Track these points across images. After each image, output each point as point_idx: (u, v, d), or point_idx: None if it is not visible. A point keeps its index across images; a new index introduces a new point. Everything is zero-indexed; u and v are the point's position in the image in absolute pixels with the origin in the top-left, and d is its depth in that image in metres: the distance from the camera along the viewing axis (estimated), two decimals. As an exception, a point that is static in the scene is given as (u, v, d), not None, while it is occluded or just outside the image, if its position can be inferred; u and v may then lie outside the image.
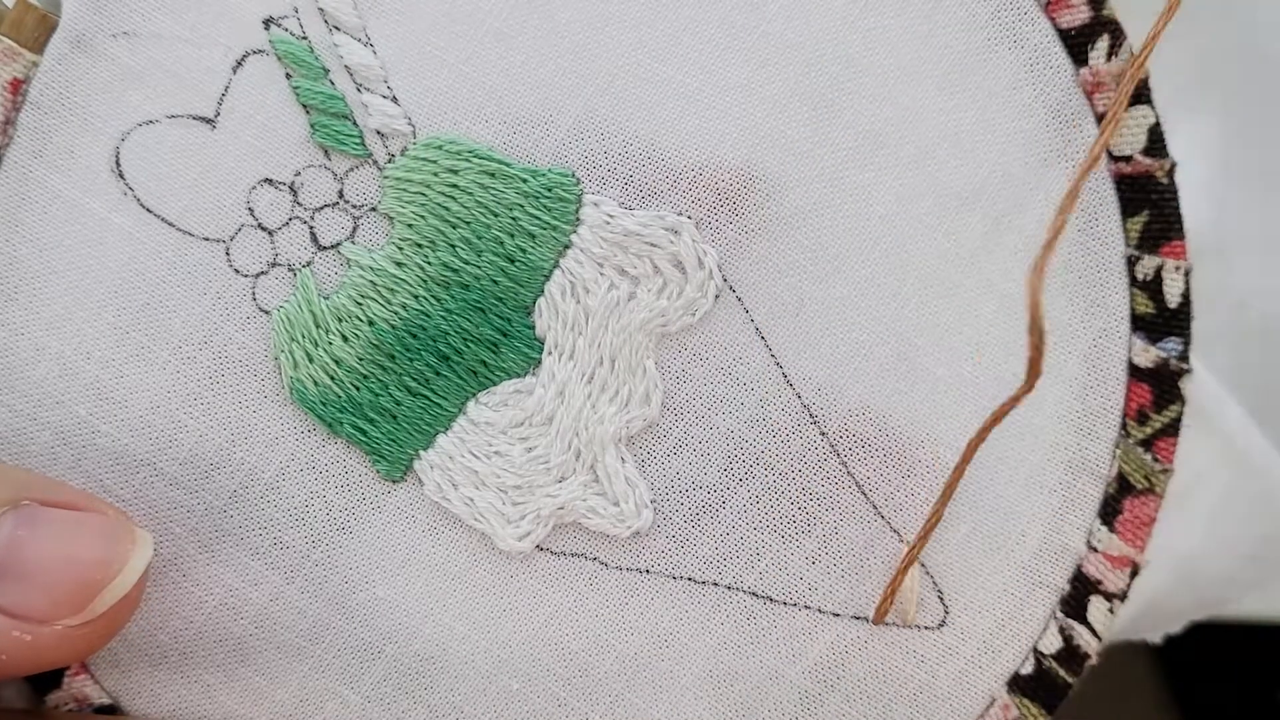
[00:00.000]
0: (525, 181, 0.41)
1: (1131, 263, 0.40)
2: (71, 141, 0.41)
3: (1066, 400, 0.41)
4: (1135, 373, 0.41)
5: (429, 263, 0.41)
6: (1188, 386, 0.40)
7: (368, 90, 0.41)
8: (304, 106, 0.41)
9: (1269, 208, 0.50)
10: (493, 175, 0.41)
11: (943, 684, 0.42)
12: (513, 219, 0.41)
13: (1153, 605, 0.50)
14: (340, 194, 0.42)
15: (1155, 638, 0.53)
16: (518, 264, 0.41)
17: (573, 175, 0.41)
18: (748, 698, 0.43)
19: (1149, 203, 0.40)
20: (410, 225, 0.41)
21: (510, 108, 0.41)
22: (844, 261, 0.41)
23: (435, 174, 0.41)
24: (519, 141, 0.41)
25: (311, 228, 0.42)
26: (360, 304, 0.42)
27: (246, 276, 0.42)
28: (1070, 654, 0.42)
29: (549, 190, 0.41)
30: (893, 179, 0.41)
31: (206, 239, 0.42)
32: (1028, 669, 0.42)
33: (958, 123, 0.40)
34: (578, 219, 0.41)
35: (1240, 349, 0.50)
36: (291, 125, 0.41)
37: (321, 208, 0.42)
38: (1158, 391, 0.40)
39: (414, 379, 0.42)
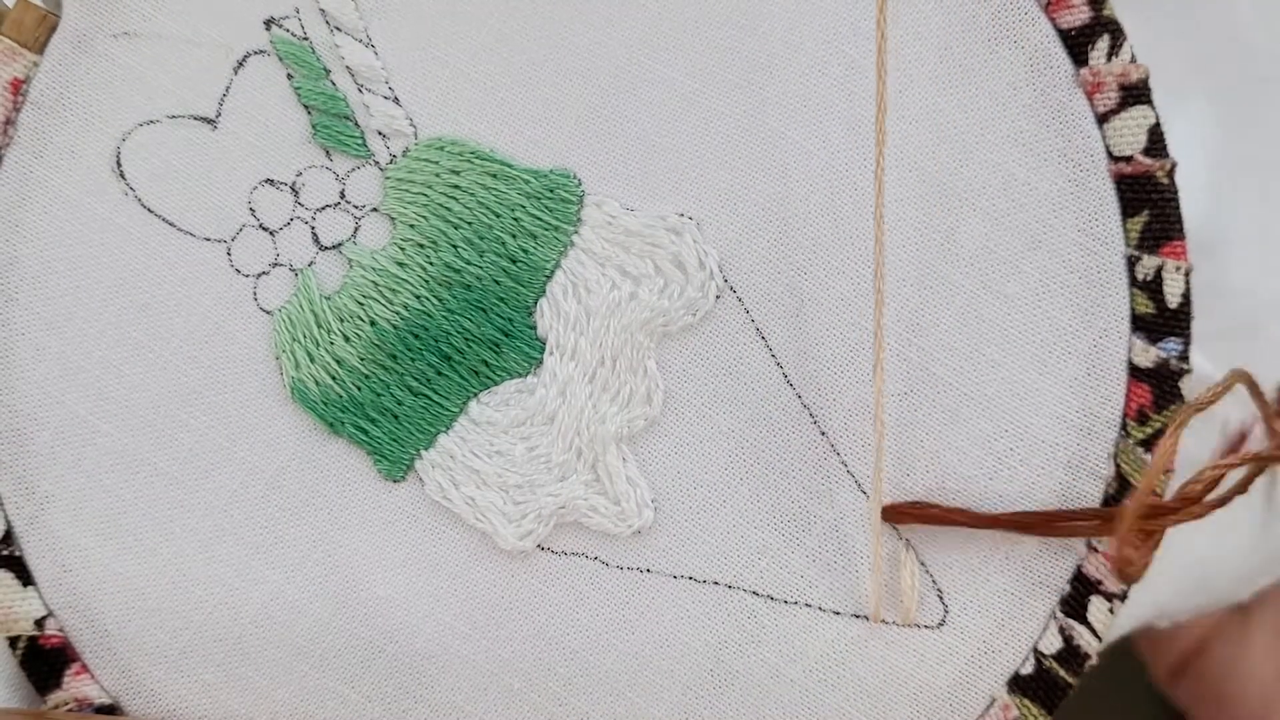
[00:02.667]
0: (527, 182, 0.41)
1: (1131, 263, 0.40)
2: (72, 141, 0.42)
3: (1066, 400, 0.41)
4: (1135, 373, 0.41)
5: (431, 263, 0.41)
6: (1188, 386, 0.40)
7: (369, 91, 0.41)
8: (305, 107, 0.41)
9: (1264, 200, 0.50)
10: (495, 176, 0.41)
11: (943, 683, 0.42)
12: (515, 219, 0.41)
13: (1165, 610, 0.50)
14: (342, 194, 0.42)
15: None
16: (520, 264, 0.41)
17: (574, 176, 0.41)
18: (749, 696, 0.43)
19: (1149, 203, 0.40)
20: (412, 226, 0.42)
21: (512, 108, 0.41)
22: (844, 261, 0.41)
23: (437, 174, 0.41)
24: (521, 142, 0.41)
25: (313, 228, 0.42)
26: (362, 304, 0.42)
27: (248, 276, 0.42)
28: (1070, 654, 0.42)
29: (551, 191, 0.41)
30: (893, 179, 0.41)
31: (208, 239, 0.42)
32: (1028, 669, 0.42)
33: (958, 123, 0.40)
34: (580, 219, 0.41)
35: (1234, 342, 0.50)
36: (293, 126, 0.41)
37: (323, 208, 0.42)
38: (1158, 392, 0.40)
39: (416, 379, 0.42)
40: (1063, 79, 0.40)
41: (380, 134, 0.41)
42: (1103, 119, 0.40)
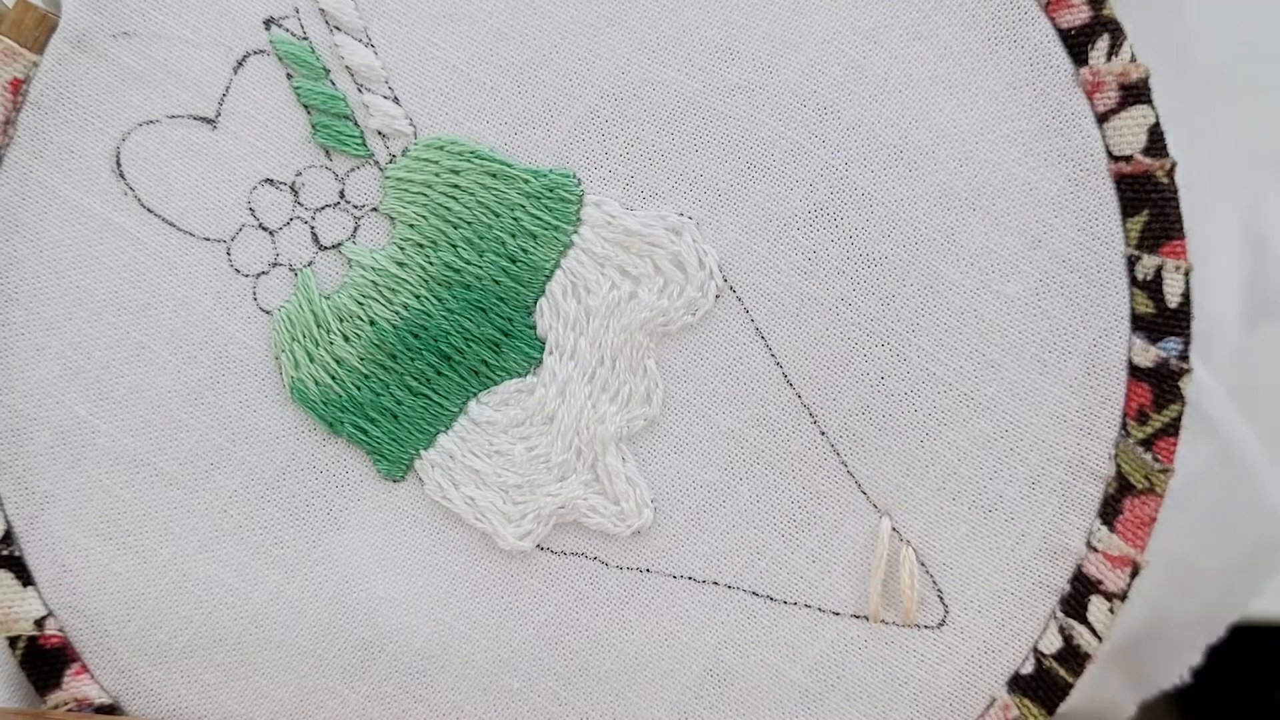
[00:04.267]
0: (527, 182, 0.41)
1: (1131, 263, 0.40)
2: (72, 141, 0.42)
3: (1066, 400, 0.41)
4: (1135, 372, 0.41)
5: (431, 263, 0.41)
6: (1188, 386, 0.40)
7: (369, 91, 0.41)
8: (305, 107, 0.41)
9: (1203, 216, 0.50)
10: (494, 176, 0.41)
11: (943, 683, 0.42)
12: (514, 219, 0.41)
13: (1157, 614, 0.50)
14: (341, 194, 0.42)
15: (1183, 673, 0.53)
16: (519, 264, 0.41)
17: (574, 176, 0.41)
18: (748, 696, 0.43)
19: (1149, 203, 0.40)
20: (412, 225, 0.42)
21: (512, 108, 0.41)
22: (844, 262, 0.41)
23: (437, 174, 0.41)
24: (521, 142, 0.41)
25: (313, 228, 0.42)
26: (362, 304, 0.42)
27: (247, 276, 0.42)
28: (1070, 654, 0.42)
29: (551, 191, 0.41)
30: (893, 180, 0.41)
31: (207, 239, 0.42)
32: (1028, 669, 0.42)
33: (958, 123, 0.40)
34: (579, 219, 0.41)
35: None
36: (293, 125, 0.41)
37: (323, 208, 0.42)
38: (1158, 391, 0.40)
39: (415, 379, 0.42)
40: (1063, 79, 0.40)
41: (380, 134, 0.41)
42: (1103, 118, 0.40)
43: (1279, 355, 0.53)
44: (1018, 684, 0.42)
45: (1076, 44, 0.40)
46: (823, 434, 0.42)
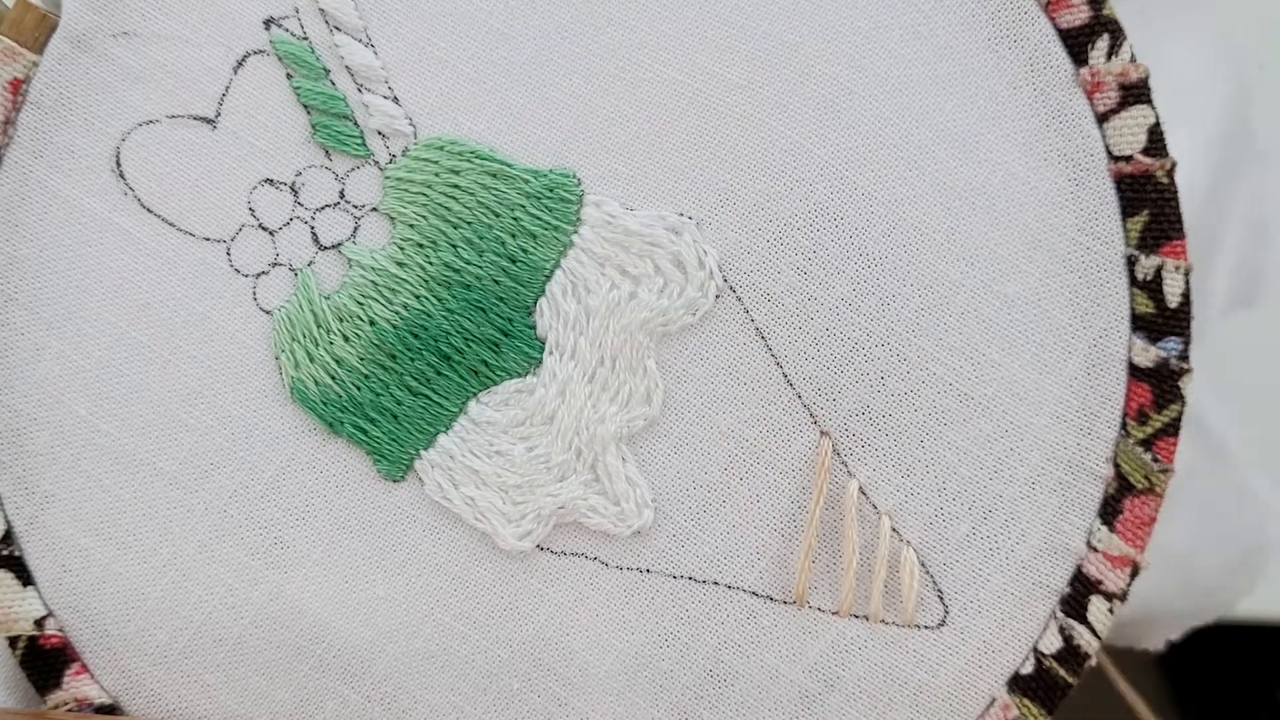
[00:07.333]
0: (527, 182, 0.41)
1: (1131, 263, 0.40)
2: (72, 141, 0.42)
3: (1066, 400, 0.41)
4: (1135, 372, 0.41)
5: (430, 263, 0.41)
6: (1188, 386, 0.40)
7: (369, 90, 0.41)
8: (305, 107, 0.41)
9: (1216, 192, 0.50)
10: (494, 176, 0.41)
11: (943, 683, 0.42)
12: (514, 219, 0.41)
13: (1149, 608, 0.50)
14: (341, 194, 0.42)
15: (1158, 644, 0.53)
16: (519, 264, 0.41)
17: (574, 176, 0.41)
18: (748, 696, 0.43)
19: (1149, 202, 0.40)
20: (412, 225, 0.42)
21: (512, 108, 0.41)
22: (844, 262, 0.41)
23: (437, 174, 0.41)
24: (521, 142, 0.41)
25: (312, 228, 0.42)
26: (361, 304, 0.42)
27: (247, 276, 0.42)
28: (1070, 654, 0.42)
29: (551, 190, 0.41)
30: (893, 179, 0.41)
31: (207, 239, 0.42)
32: (1028, 669, 0.42)
33: (958, 123, 0.40)
34: (579, 219, 0.41)
35: None
36: (292, 125, 0.41)
37: (322, 208, 0.42)
38: (1158, 391, 0.41)
39: (415, 379, 0.42)
40: (1063, 79, 0.40)
41: (380, 134, 0.41)
42: (1102, 118, 0.40)
43: (1255, 341, 0.54)
44: (1018, 684, 0.42)
45: (1076, 44, 0.40)
46: (823, 434, 0.42)
